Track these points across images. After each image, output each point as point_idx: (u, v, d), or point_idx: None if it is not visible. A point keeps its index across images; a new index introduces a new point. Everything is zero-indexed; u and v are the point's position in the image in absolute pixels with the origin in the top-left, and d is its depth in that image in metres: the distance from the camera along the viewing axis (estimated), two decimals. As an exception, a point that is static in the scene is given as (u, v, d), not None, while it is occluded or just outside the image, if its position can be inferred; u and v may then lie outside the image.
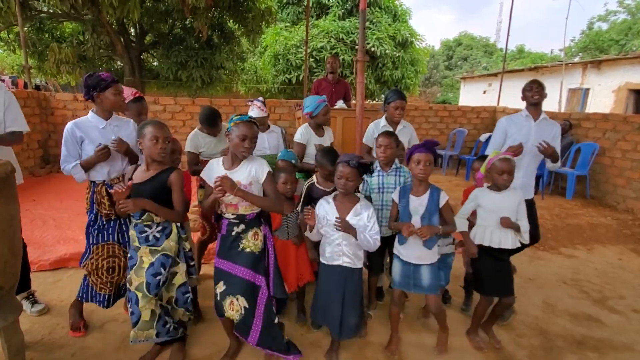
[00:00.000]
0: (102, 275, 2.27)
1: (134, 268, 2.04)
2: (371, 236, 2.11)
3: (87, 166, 2.24)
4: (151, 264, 2.02)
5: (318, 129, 3.15)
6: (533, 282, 3.43)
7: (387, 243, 2.55)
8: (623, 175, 5.36)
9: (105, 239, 2.30)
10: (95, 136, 2.25)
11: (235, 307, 2.04)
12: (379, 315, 2.76)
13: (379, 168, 2.58)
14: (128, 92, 2.62)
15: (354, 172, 2.09)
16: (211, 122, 2.91)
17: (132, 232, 2.07)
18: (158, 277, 2.01)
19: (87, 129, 2.25)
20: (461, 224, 2.40)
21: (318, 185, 2.56)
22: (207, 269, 3.23)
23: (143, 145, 1.99)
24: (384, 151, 2.52)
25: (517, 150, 2.72)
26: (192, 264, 2.23)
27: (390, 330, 2.43)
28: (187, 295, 2.18)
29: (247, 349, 2.31)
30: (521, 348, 2.48)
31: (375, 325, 2.63)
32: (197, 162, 2.93)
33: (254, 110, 2.99)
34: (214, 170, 2.07)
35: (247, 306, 2.04)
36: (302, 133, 3.11)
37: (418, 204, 2.23)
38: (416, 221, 2.21)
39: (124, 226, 2.34)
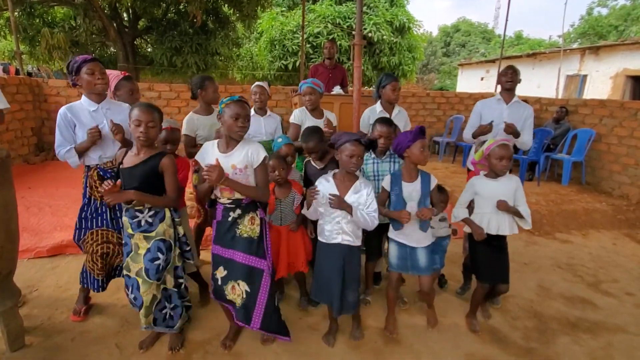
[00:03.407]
0: (97, 260, 2.27)
1: (130, 255, 2.04)
2: (369, 214, 2.10)
3: (81, 150, 2.21)
4: (148, 250, 2.01)
5: (314, 111, 3.11)
6: (528, 266, 3.48)
7: (384, 229, 2.56)
8: (619, 162, 5.39)
9: (100, 225, 2.29)
10: (87, 120, 2.22)
11: (237, 291, 2.06)
12: (376, 298, 2.79)
13: (373, 155, 2.57)
14: (115, 74, 2.58)
15: (363, 150, 2.12)
16: (206, 77, 2.92)
17: (125, 219, 2.05)
18: (157, 262, 2.00)
19: (78, 113, 2.23)
20: (462, 212, 2.43)
21: (312, 163, 2.66)
22: (204, 255, 3.24)
23: (130, 127, 1.96)
24: (384, 142, 2.51)
25: (486, 129, 2.99)
26: (187, 249, 2.20)
27: (387, 312, 2.47)
28: (180, 281, 2.17)
29: (246, 332, 2.34)
30: (515, 330, 2.52)
31: (373, 309, 2.66)
32: (194, 145, 2.90)
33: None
34: (208, 154, 2.04)
35: (248, 290, 2.05)
36: (297, 114, 3.13)
37: (412, 190, 2.26)
38: (412, 207, 2.24)
39: (118, 212, 2.31)
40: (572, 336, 2.48)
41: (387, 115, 3.09)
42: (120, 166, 2.01)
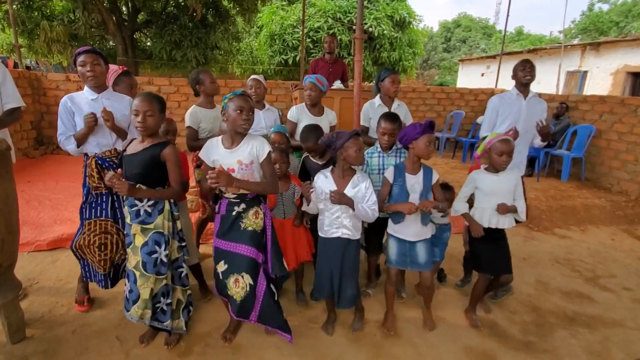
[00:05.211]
0: (94, 252, 2.23)
1: (130, 246, 2.03)
2: (369, 207, 2.11)
3: (79, 137, 2.21)
4: (145, 243, 1.99)
5: (314, 107, 3.10)
6: (527, 261, 3.49)
7: (385, 224, 2.57)
8: (618, 158, 5.39)
9: (98, 215, 2.26)
10: (86, 109, 2.24)
11: (240, 284, 2.03)
12: (376, 292, 2.81)
13: (379, 149, 2.56)
14: (114, 69, 2.59)
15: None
16: (200, 71, 2.95)
17: (126, 209, 2.05)
18: (154, 256, 1.99)
19: (78, 102, 2.25)
20: (462, 206, 2.43)
21: (312, 159, 2.65)
22: (205, 249, 3.25)
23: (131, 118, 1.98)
24: (388, 140, 2.48)
25: (514, 135, 2.75)
26: (183, 244, 2.18)
27: (386, 307, 2.48)
28: (180, 270, 2.17)
29: (247, 325, 2.35)
30: (514, 324, 2.54)
31: (372, 303, 2.68)
32: (197, 138, 2.91)
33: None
34: (212, 150, 2.04)
35: (251, 283, 2.04)
36: (293, 112, 3.10)
37: (414, 182, 2.25)
38: (414, 199, 2.23)
39: (116, 202, 2.29)
40: (570, 330, 2.50)
41: (386, 109, 3.07)
42: (124, 154, 2.02)
